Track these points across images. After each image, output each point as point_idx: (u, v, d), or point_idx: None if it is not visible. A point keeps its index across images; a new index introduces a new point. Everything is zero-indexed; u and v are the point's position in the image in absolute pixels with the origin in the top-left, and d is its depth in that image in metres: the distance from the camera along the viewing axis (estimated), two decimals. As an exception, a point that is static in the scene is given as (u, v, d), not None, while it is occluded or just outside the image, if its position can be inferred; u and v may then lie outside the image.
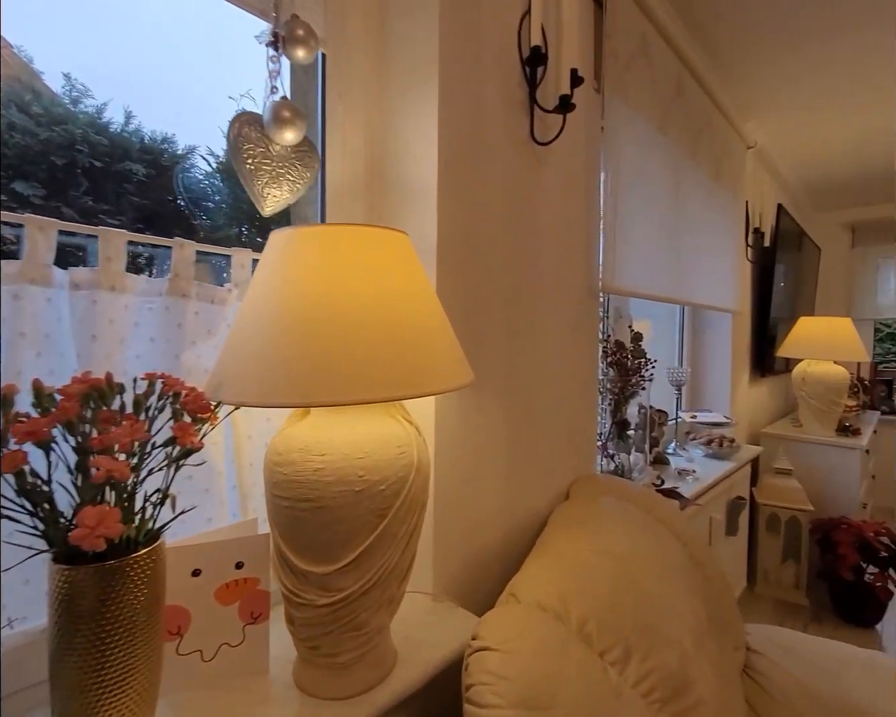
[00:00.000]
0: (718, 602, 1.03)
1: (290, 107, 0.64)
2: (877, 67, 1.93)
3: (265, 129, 0.64)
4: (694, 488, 1.62)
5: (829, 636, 2.11)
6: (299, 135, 0.66)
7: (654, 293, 1.56)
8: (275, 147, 0.66)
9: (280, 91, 0.65)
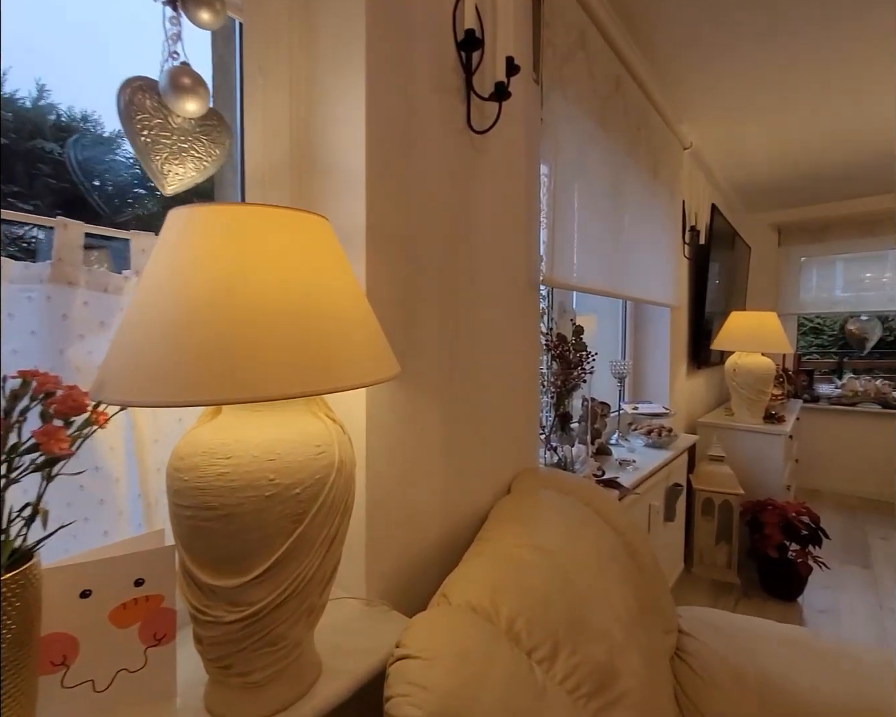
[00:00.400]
0: (651, 589, 1.05)
1: (190, 74, 0.58)
2: (803, 75, 2.06)
3: (162, 97, 0.57)
4: (633, 477, 1.66)
5: (757, 610, 2.26)
6: (203, 106, 0.60)
7: (595, 287, 1.59)
8: (175, 119, 0.59)
9: (181, 57, 0.59)
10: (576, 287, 1.48)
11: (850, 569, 2.58)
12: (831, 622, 2.10)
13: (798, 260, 4.03)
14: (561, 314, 1.83)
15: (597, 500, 1.10)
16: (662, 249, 2.23)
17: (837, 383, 4.00)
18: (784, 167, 3.10)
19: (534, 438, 1.33)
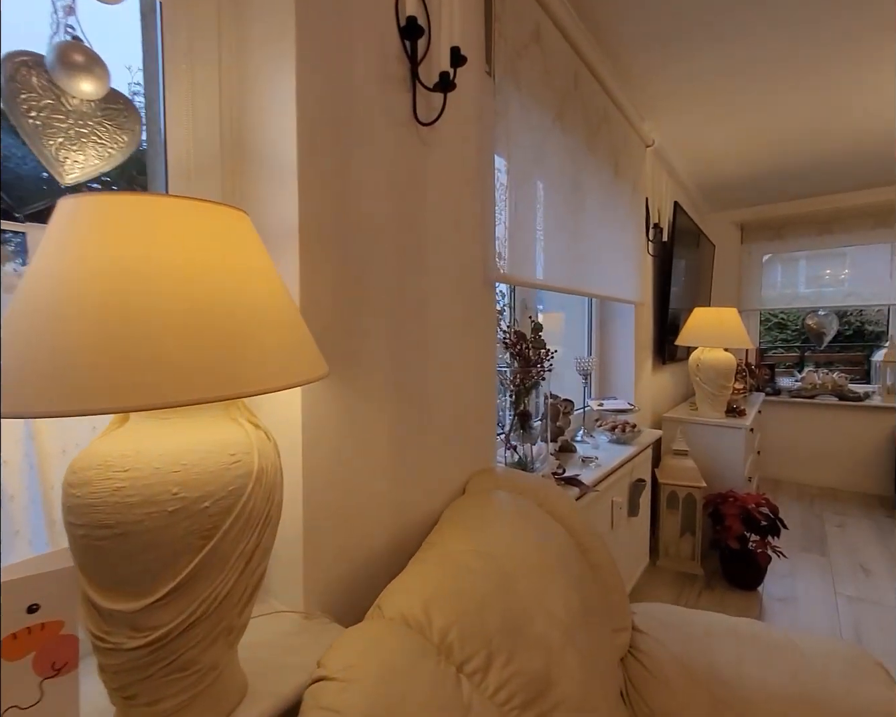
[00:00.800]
0: (604, 587, 1.04)
1: (83, 51, 0.53)
2: (765, 76, 2.09)
3: (51, 75, 0.52)
4: (595, 474, 1.66)
5: (719, 600, 2.30)
6: (101, 87, 0.55)
7: (554, 284, 1.58)
8: (71, 100, 0.54)
9: (77, 31, 0.54)
10: (534, 284, 1.47)
11: (808, 557, 2.66)
12: (789, 609, 2.16)
13: (760, 257, 4.13)
14: (523, 312, 1.81)
15: (551, 499, 1.09)
16: (625, 246, 2.25)
17: (797, 377, 4.13)
18: (746, 166, 3.16)
19: (491, 437, 1.31)
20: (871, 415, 3.72)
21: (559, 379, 2.55)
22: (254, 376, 0.51)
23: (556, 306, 2.59)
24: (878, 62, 1.97)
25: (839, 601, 2.23)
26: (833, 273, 3.91)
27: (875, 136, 2.69)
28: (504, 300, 1.57)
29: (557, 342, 2.73)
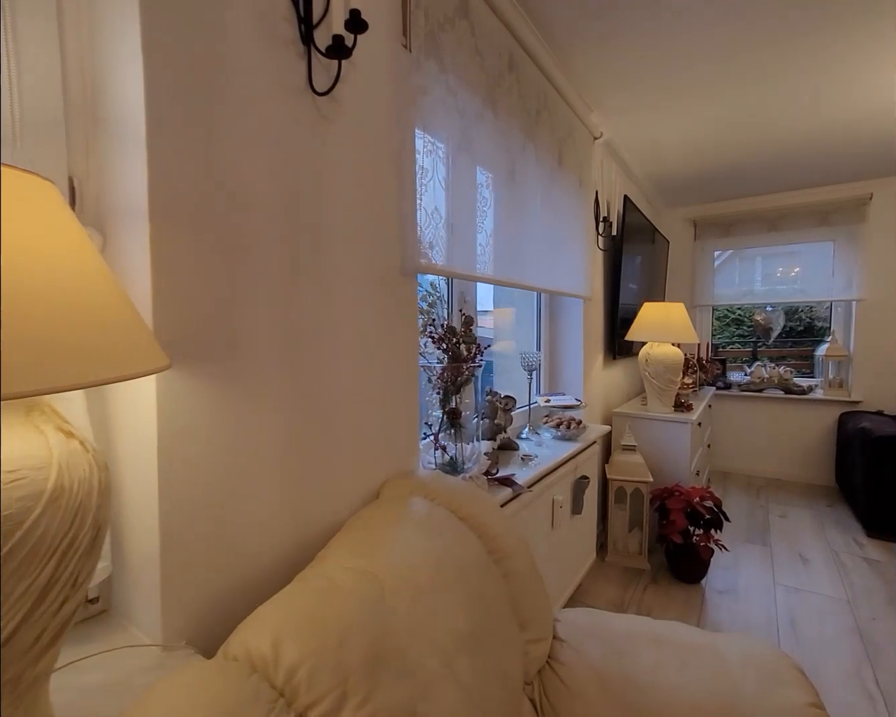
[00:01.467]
0: (520, 597, 0.98)
1: None
2: (714, 73, 2.08)
3: None
4: (534, 472, 1.61)
5: (663, 594, 2.31)
6: None
7: (489, 276, 1.51)
8: None
9: None
10: (463, 276, 1.40)
11: (751, 548, 2.71)
12: (729, 601, 2.18)
13: (712, 253, 4.21)
14: (462, 305, 1.74)
15: (468, 504, 1.02)
16: (572, 239, 2.21)
17: (747, 371, 4.23)
18: (696, 163, 3.19)
19: (413, 438, 1.24)
20: (814, 408, 3.84)
21: (508, 375, 2.51)
22: (62, 368, 0.42)
23: (505, 302, 2.54)
24: (827, 61, 1.99)
25: (777, 591, 2.27)
26: (784, 271, 4.02)
27: (818, 135, 2.74)
28: (438, 292, 1.50)
29: (507, 338, 2.69)
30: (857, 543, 2.79)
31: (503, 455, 1.79)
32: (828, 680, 1.70)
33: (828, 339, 3.88)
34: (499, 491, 1.41)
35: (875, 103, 2.36)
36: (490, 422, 1.72)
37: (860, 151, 3.00)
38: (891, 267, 3.54)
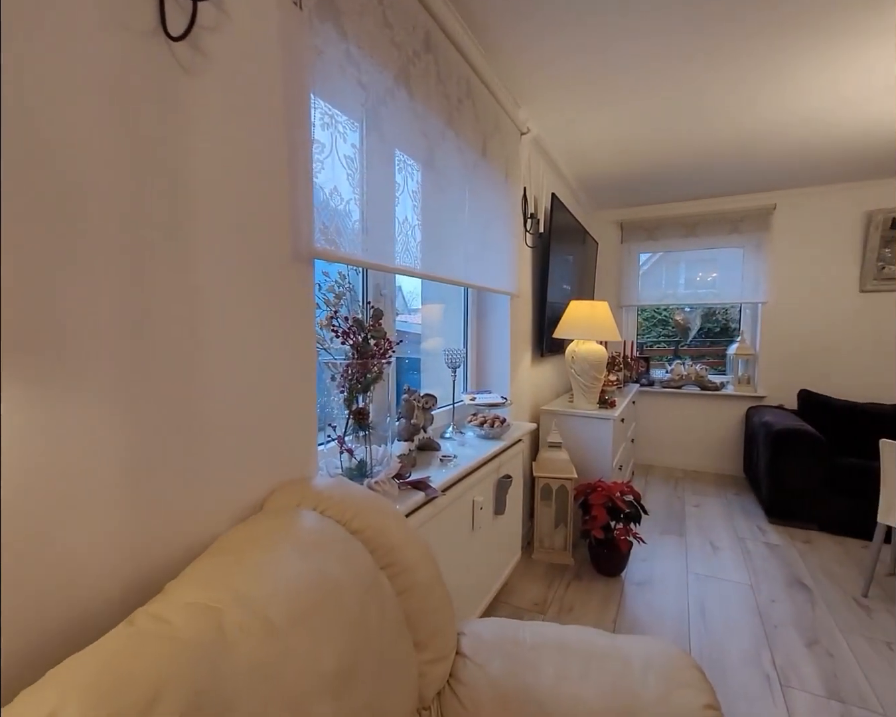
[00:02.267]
0: (420, 613, 0.90)
1: None
2: (641, 80, 2.11)
3: None
4: (452, 474, 1.55)
5: (585, 588, 2.34)
6: None
7: (407, 268, 1.42)
8: None
9: None
10: (377, 266, 1.30)
11: (668, 538, 2.83)
12: (645, 592, 2.24)
13: (637, 256, 4.38)
14: (378, 299, 1.64)
15: (362, 515, 0.93)
16: (499, 234, 2.17)
17: (668, 369, 4.45)
18: (622, 166, 3.28)
19: (310, 441, 1.12)
20: (725, 403, 4.11)
21: (436, 373, 2.44)
22: None
23: (435, 298, 2.47)
24: (736, 76, 2.08)
25: (690, 579, 2.36)
26: (703, 275, 4.24)
27: (730, 147, 2.90)
28: (348, 284, 1.38)
29: (436, 335, 2.62)
30: (759, 529, 2.99)
31: (422, 456, 1.71)
32: (731, 664, 1.77)
33: (738, 339, 4.15)
34: (410, 496, 1.32)
35: (779, 118, 2.52)
36: (407, 422, 1.63)
37: (766, 163, 3.22)
38: (790, 273, 3.85)
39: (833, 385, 3.73)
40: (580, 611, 2.09)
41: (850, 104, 2.36)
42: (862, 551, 2.72)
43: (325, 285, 1.32)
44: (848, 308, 3.69)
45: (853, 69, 2.07)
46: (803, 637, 1.92)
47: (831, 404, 3.45)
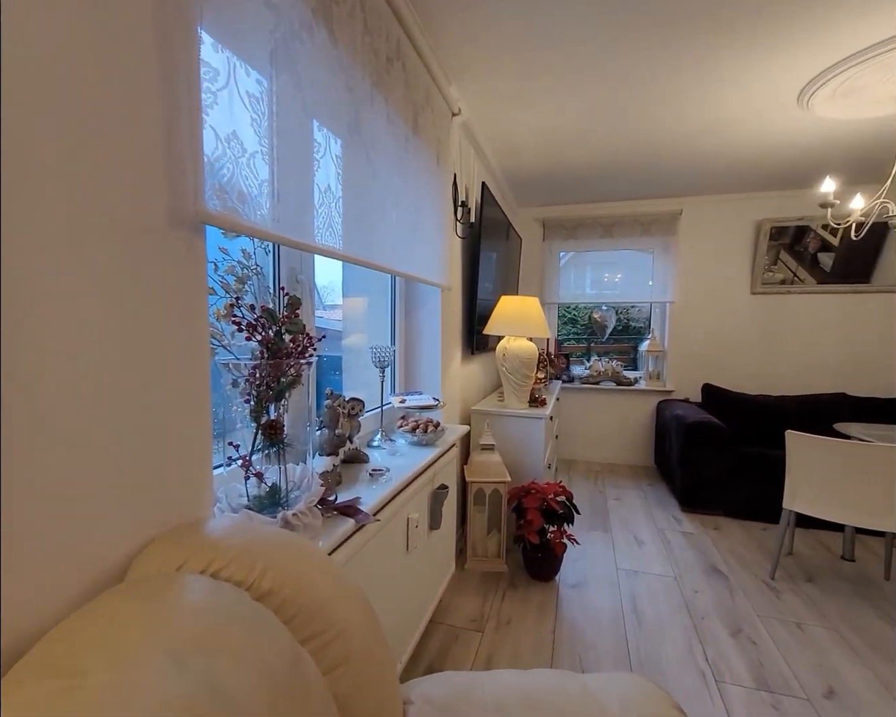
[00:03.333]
0: (356, 691, 0.69)
1: None
2: (570, 76, 2.03)
3: None
4: (385, 491, 1.33)
5: (521, 597, 2.24)
6: None
7: (329, 248, 1.18)
8: None
9: None
10: (285, 241, 1.04)
11: (595, 535, 2.84)
12: (580, 595, 2.19)
13: (558, 254, 4.44)
14: (293, 285, 1.37)
15: (273, 571, 0.68)
16: (430, 220, 1.98)
17: (587, 365, 4.58)
18: (547, 164, 3.25)
19: (200, 468, 0.85)
20: (639, 397, 4.31)
21: (361, 373, 2.19)
22: None
23: (359, 290, 2.21)
24: (648, 80, 2.08)
25: (620, 576, 2.37)
26: (618, 275, 4.39)
27: (644, 151, 2.98)
28: (255, 265, 1.10)
29: (360, 331, 2.37)
30: (675, 518, 3.13)
31: (349, 471, 1.47)
32: (668, 662, 1.75)
33: (648, 336, 4.38)
34: (338, 525, 1.09)
35: (687, 126, 2.61)
36: (330, 433, 1.38)
37: (675, 169, 3.38)
38: (694, 275, 4.12)
39: (730, 379, 4.06)
40: (518, 623, 1.98)
41: (745, 118, 2.50)
42: (762, 533, 2.94)
43: (224, 266, 1.04)
44: (741, 309, 4.03)
45: (754, 84, 2.18)
46: (728, 627, 1.97)
47: (729, 397, 3.74)
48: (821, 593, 2.24)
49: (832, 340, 3.86)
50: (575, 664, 1.75)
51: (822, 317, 3.87)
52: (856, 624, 1.99)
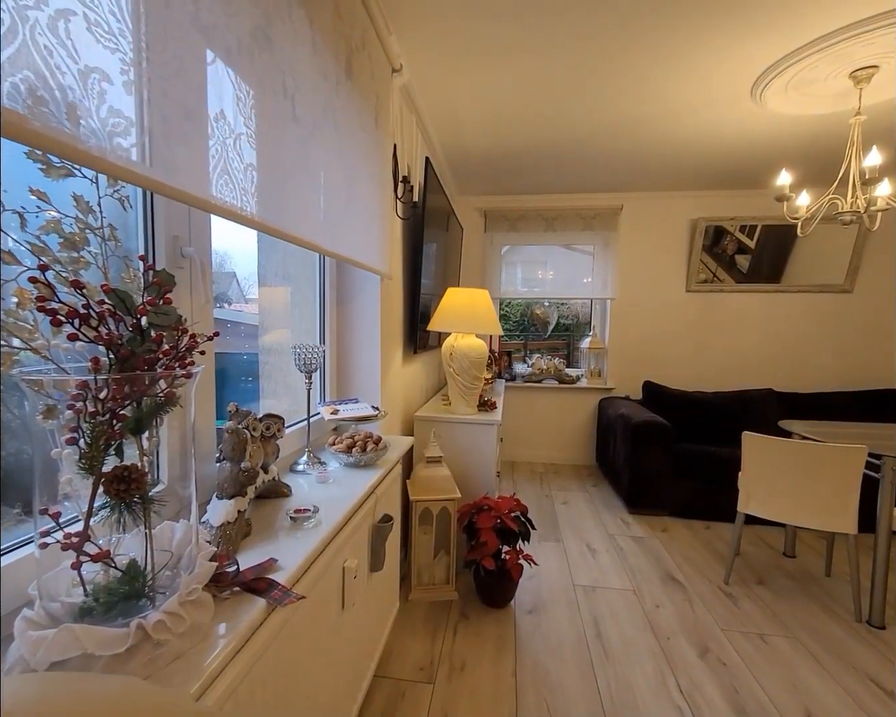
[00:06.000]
0: None
1: None
2: (513, 56, 1.77)
3: None
4: (315, 542, 0.98)
5: (475, 630, 1.93)
6: None
7: (217, 201, 0.81)
8: None
9: None
10: (157, 186, 0.67)
11: (547, 546, 2.65)
12: (540, 622, 1.96)
13: (499, 247, 4.24)
14: (174, 260, 0.97)
15: None
16: (367, 193, 1.63)
17: (528, 363, 4.43)
18: (491, 148, 3.00)
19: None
20: (580, 395, 4.22)
21: (283, 378, 1.79)
22: None
23: (279, 279, 1.80)
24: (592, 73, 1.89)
25: (578, 595, 2.18)
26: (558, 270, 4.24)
27: (588, 143, 2.83)
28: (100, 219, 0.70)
29: (281, 326, 1.96)
30: (623, 522, 3.03)
31: (263, 512, 1.10)
32: (642, 700, 1.56)
33: (589, 333, 4.31)
34: (241, 612, 0.73)
35: (636, 112, 2.47)
36: (234, 466, 1.00)
37: (617, 163, 3.28)
38: (633, 272, 4.10)
39: (667, 376, 4.09)
40: (474, 667, 1.70)
41: (699, 107, 2.40)
42: (706, 531, 2.91)
43: (46, 220, 0.64)
44: (678, 306, 4.07)
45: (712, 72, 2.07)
46: (694, 646, 1.84)
47: (669, 394, 3.74)
48: (773, 595, 2.20)
49: (756, 338, 4.00)
50: (542, 713, 1.51)
51: (747, 315, 4.00)
52: (812, 629, 1.95)
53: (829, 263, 3.84)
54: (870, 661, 1.77)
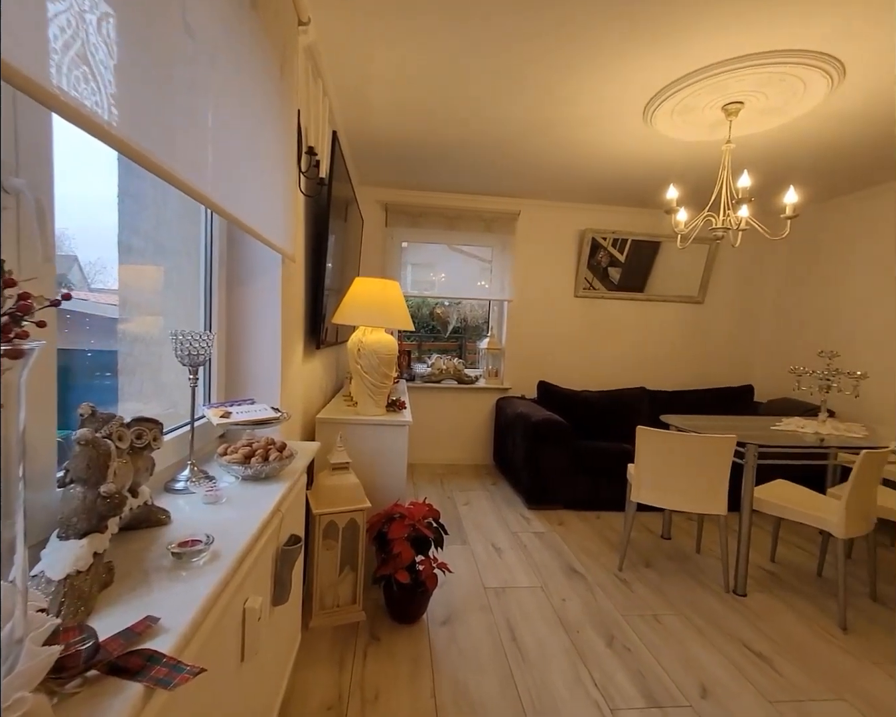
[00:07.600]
0: None
1: None
2: (427, 24, 1.66)
3: None
4: (208, 585, 0.74)
5: (386, 653, 1.74)
6: None
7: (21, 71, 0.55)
8: None
9: None
10: None
11: (454, 549, 2.57)
12: (454, 633, 1.86)
13: (400, 242, 4.10)
14: (17, 207, 0.67)
15: None
16: (269, 154, 1.38)
17: (428, 363, 4.35)
18: (398, 134, 2.86)
19: None
20: (478, 395, 4.27)
21: (151, 376, 1.43)
22: None
23: (148, 255, 1.44)
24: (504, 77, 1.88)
25: (489, 597, 2.13)
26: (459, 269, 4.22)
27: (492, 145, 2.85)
28: None
29: (151, 313, 1.58)
30: (524, 518, 3.09)
31: (130, 549, 0.82)
32: (562, 701, 1.54)
33: (487, 334, 4.38)
34: (101, 713, 0.49)
35: (534, 116, 2.54)
36: (89, 491, 0.72)
37: (516, 167, 3.37)
38: (527, 275, 4.26)
39: (558, 376, 4.32)
40: (389, 695, 1.53)
41: (595, 119, 2.55)
42: (597, 521, 3.10)
43: None
44: (567, 310, 4.33)
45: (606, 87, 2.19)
46: (602, 636, 1.89)
47: (561, 393, 3.94)
48: (659, 576, 2.38)
49: (631, 341, 4.43)
50: (465, 734, 1.40)
51: (622, 321, 4.40)
52: (692, 603, 2.14)
53: (686, 277, 4.40)
54: (741, 627, 1.98)
